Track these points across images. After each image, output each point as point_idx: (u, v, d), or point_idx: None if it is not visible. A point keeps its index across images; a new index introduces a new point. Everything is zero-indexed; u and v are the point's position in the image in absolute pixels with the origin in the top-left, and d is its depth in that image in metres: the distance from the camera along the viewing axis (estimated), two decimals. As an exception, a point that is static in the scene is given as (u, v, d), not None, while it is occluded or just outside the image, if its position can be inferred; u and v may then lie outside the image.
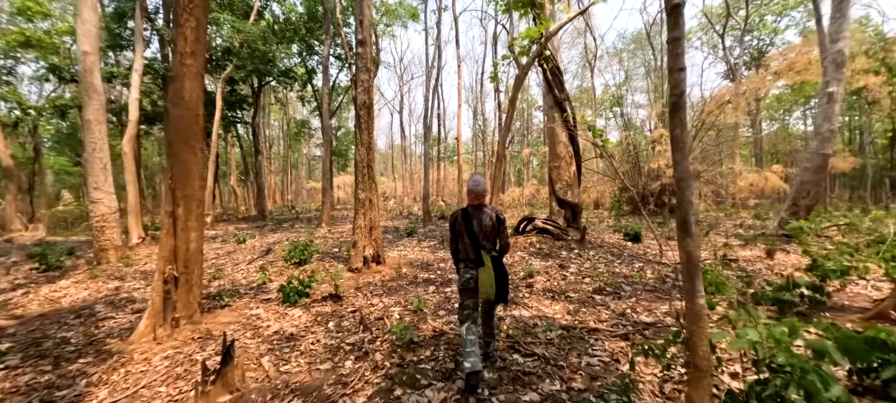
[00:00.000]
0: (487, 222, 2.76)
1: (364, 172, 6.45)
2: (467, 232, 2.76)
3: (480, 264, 2.67)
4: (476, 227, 2.75)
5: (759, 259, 6.85)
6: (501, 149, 8.11)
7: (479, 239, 2.74)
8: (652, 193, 17.47)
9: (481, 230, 2.75)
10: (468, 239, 2.76)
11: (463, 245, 2.79)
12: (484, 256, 2.67)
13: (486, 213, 2.77)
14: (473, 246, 2.73)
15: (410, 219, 17.09)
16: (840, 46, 9.19)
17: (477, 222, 2.75)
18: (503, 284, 2.65)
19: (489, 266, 2.63)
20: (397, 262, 7.14)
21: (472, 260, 2.74)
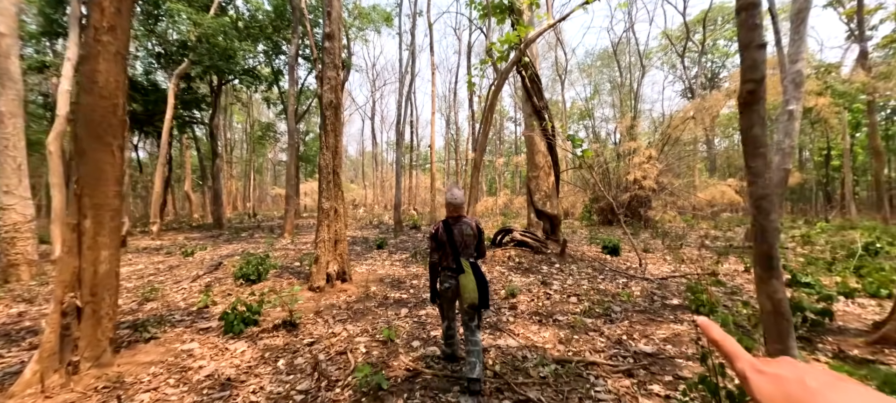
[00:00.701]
0: (468, 232, 2.91)
1: (329, 179, 5.79)
2: (449, 242, 2.85)
3: (461, 271, 2.77)
4: (457, 237, 2.86)
5: (736, 272, 6.80)
6: (479, 156, 7.70)
7: (460, 248, 2.85)
8: (621, 204, 17.77)
9: (462, 239, 2.87)
10: (450, 249, 2.86)
11: (444, 254, 2.89)
12: (464, 263, 2.78)
13: (465, 223, 2.92)
14: (454, 255, 2.84)
15: (381, 229, 16.33)
16: (798, 67, 9.63)
17: (458, 232, 2.87)
18: (484, 289, 2.76)
19: (469, 271, 2.74)
20: (365, 279, 6.48)
21: (453, 268, 2.85)
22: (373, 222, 19.94)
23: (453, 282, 2.85)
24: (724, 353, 0.37)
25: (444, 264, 2.91)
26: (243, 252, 10.26)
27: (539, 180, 8.19)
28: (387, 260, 8.35)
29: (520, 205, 24.49)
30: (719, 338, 0.38)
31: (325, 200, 5.77)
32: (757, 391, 0.32)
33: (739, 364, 0.35)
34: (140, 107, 18.06)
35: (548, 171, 8.21)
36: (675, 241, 11.75)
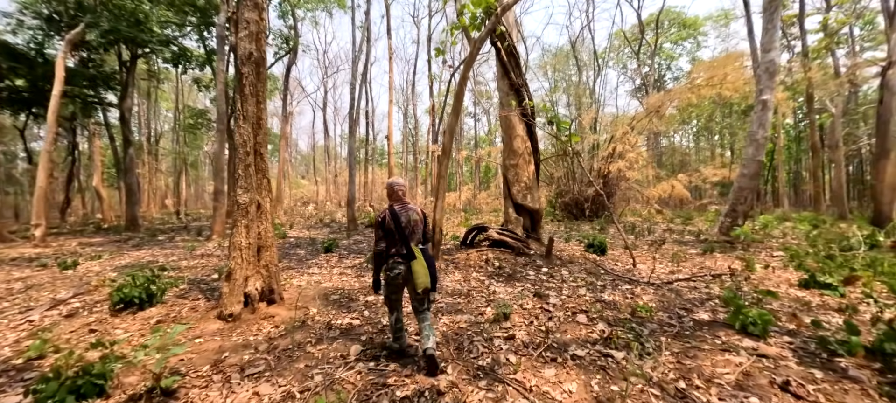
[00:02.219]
0: (414, 217, 2.93)
1: (249, 162, 4.14)
2: (397, 229, 2.82)
3: (412, 257, 2.77)
4: (405, 223, 2.85)
5: (732, 272, 6.09)
6: (448, 140, 6.37)
7: (408, 234, 2.84)
8: (586, 199, 17.41)
9: (410, 225, 2.87)
10: (398, 236, 2.82)
11: (393, 241, 2.85)
12: (414, 249, 2.80)
13: (411, 209, 2.95)
14: (404, 241, 2.82)
15: (332, 228, 14.48)
16: (772, 56, 9.41)
17: (405, 218, 2.87)
18: (434, 272, 2.83)
19: (420, 256, 2.78)
20: (303, 297, 4.89)
21: (403, 255, 2.81)
22: (324, 220, 17.91)
23: (403, 268, 2.82)
24: None
25: (392, 251, 2.86)
26: (151, 260, 8.12)
27: (518, 169, 7.04)
28: (336, 268, 6.77)
29: (483, 201, 23.59)
30: None
31: (242, 191, 4.11)
32: None
33: None
34: (25, 82, 14.61)
35: (527, 159, 7.08)
36: (642, 235, 11.27)
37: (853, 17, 16.70)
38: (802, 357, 2.90)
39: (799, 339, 3.25)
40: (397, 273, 2.82)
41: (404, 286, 2.91)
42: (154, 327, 3.84)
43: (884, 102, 8.24)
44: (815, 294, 4.81)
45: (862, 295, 4.60)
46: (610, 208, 6.69)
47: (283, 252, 8.85)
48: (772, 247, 8.74)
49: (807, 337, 3.28)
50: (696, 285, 5.18)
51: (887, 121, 8.18)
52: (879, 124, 8.36)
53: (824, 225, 13.09)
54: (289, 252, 8.85)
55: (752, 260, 6.15)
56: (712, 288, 5.01)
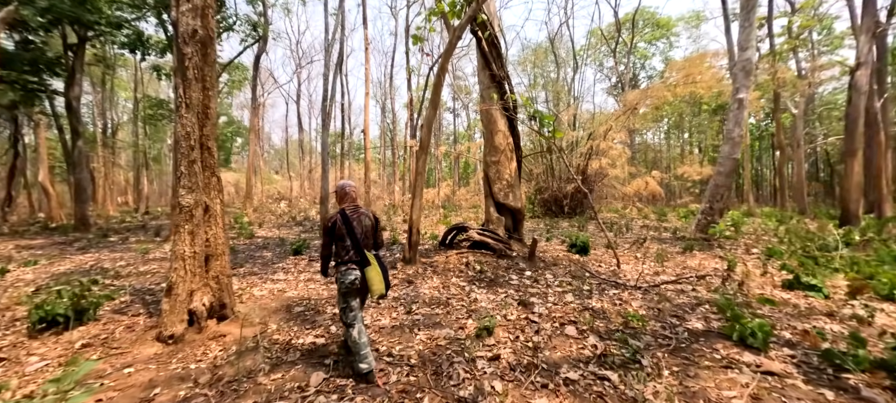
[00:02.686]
0: (367, 222, 2.83)
1: (192, 158, 3.57)
2: (349, 234, 2.71)
3: (366, 264, 2.68)
4: (357, 228, 2.74)
5: (715, 272, 6.00)
6: (426, 135, 5.94)
7: (361, 240, 2.73)
8: (565, 195, 17.40)
9: (362, 230, 2.77)
10: (350, 241, 2.70)
11: (345, 247, 2.72)
12: (369, 255, 2.70)
13: (364, 214, 2.85)
14: (356, 247, 2.70)
15: (304, 227, 13.77)
16: (748, 55, 9.49)
17: (357, 223, 2.76)
18: (387, 278, 2.77)
19: (375, 263, 2.70)
20: (262, 311, 4.37)
21: (357, 261, 2.70)
22: (297, 218, 17.10)
23: (358, 275, 2.70)
24: None
25: (344, 258, 2.73)
26: (94, 266, 7.30)
27: (500, 166, 6.69)
28: (304, 273, 6.22)
29: (463, 198, 23.27)
30: None
31: (185, 192, 3.54)
32: None
33: None
34: (-50, 65, 13.04)
35: (509, 156, 6.75)
36: (620, 232, 11.25)
37: (816, 21, 17.35)
38: (808, 374, 2.69)
39: (800, 351, 3.06)
40: (353, 279, 2.68)
41: (361, 292, 2.80)
42: (73, 356, 3.24)
43: (852, 103, 8.44)
44: (800, 295, 4.73)
45: (846, 297, 4.56)
46: (592, 205, 6.44)
47: (248, 254, 8.19)
48: (747, 244, 8.83)
49: (807, 349, 3.09)
50: (682, 288, 5.00)
51: (855, 121, 8.39)
52: (848, 124, 8.57)
53: (791, 222, 13.54)
54: (254, 254, 8.19)
55: (734, 259, 6.07)
56: (699, 291, 4.85)
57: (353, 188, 2.92)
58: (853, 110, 8.42)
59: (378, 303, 2.99)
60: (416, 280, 5.30)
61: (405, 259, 6.07)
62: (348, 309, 2.72)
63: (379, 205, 21.97)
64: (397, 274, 5.66)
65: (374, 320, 3.94)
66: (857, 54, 8.37)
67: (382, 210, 20.78)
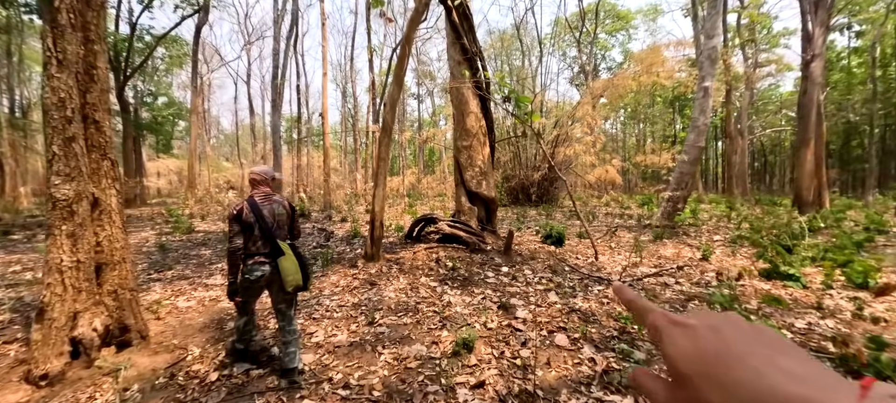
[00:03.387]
0: (280, 211, 2.65)
1: (70, 134, 2.63)
2: (259, 223, 2.50)
3: (279, 254, 2.50)
4: (269, 217, 2.55)
5: (692, 262, 5.86)
6: (389, 114, 5.21)
7: (273, 229, 2.54)
8: (532, 183, 17.27)
9: (275, 220, 2.59)
10: (259, 231, 2.51)
11: (253, 238, 2.51)
12: (282, 245, 2.52)
13: (277, 202, 2.66)
14: (267, 237, 2.51)
15: (255, 219, 12.49)
16: (714, 43, 9.54)
17: (269, 212, 2.58)
18: (307, 270, 2.60)
19: (290, 253, 2.52)
20: (183, 330, 3.51)
21: (267, 253, 2.51)
22: (246, 209, 15.60)
23: (267, 269, 2.50)
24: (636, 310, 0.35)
25: (252, 249, 2.50)
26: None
27: (472, 151, 6.10)
28: (247, 275, 5.33)
29: (428, 186, 22.59)
30: (632, 298, 0.35)
31: (60, 180, 2.60)
32: (669, 342, 0.29)
33: (651, 317, 0.32)
34: None
35: (482, 140, 6.17)
36: (587, 221, 11.19)
37: (767, 16, 18.27)
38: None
39: (809, 355, 2.78)
40: (259, 275, 2.49)
41: (267, 288, 2.61)
42: None
43: (807, 93, 8.73)
44: (778, 285, 4.61)
45: (823, 286, 4.49)
46: (571, 194, 6.06)
47: (182, 253, 7.07)
48: (709, 231, 8.98)
49: (817, 351, 2.82)
50: (665, 281, 4.74)
51: (810, 111, 8.70)
52: (802, 114, 8.89)
53: (742, 209, 14.26)
54: (189, 252, 7.08)
55: (709, 249, 5.97)
56: (683, 285, 4.60)
57: (265, 174, 2.68)
58: (808, 100, 8.71)
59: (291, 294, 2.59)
60: (379, 280, 4.63)
61: (367, 255, 5.37)
62: (246, 303, 2.63)
63: (340, 195, 20.77)
64: (358, 273, 4.95)
65: (328, 335, 3.25)
66: (813, 46, 8.65)
67: (343, 199, 19.66)
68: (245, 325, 2.73)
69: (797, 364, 0.25)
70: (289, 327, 2.58)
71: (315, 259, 5.98)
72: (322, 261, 5.65)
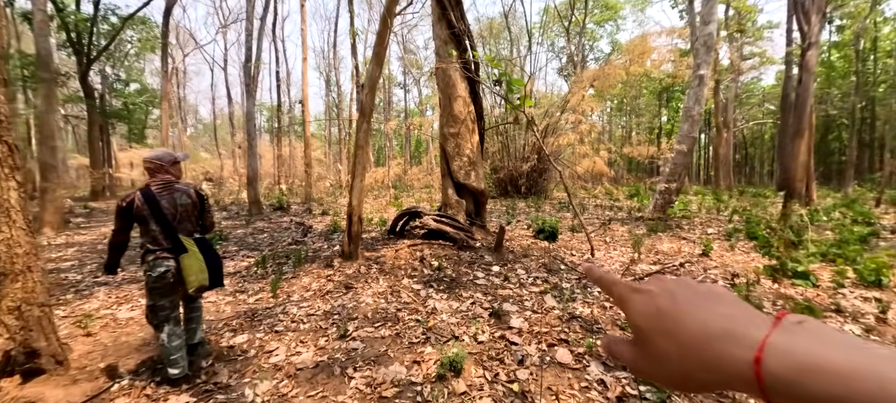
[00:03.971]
0: (184, 201, 2.41)
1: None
2: (155, 215, 2.27)
3: (181, 251, 2.29)
4: (168, 208, 2.32)
5: (691, 257, 5.55)
6: (368, 98, 4.67)
7: (174, 223, 2.32)
8: (521, 175, 16.91)
9: (176, 211, 2.36)
10: (157, 225, 2.28)
11: (150, 232, 2.28)
12: (185, 240, 2.31)
13: (180, 191, 2.41)
14: (167, 231, 2.29)
15: (230, 212, 11.78)
16: (710, 29, 9.23)
17: (168, 202, 2.33)
18: (217, 266, 2.42)
19: (194, 249, 2.32)
20: (115, 349, 2.96)
21: (168, 249, 2.29)
22: (222, 202, 14.79)
23: (171, 265, 2.27)
24: (605, 285, 0.37)
25: (151, 246, 2.28)
26: None
27: (460, 139, 5.61)
28: (208, 277, 4.75)
29: (415, 177, 22.03)
30: (600, 275, 0.38)
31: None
32: (632, 308, 0.33)
33: (617, 288, 0.35)
34: None
35: (471, 127, 5.68)
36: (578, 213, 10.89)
37: (754, 9, 18.20)
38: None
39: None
40: (164, 271, 2.28)
41: (178, 287, 2.37)
42: None
43: (802, 82, 8.53)
44: (786, 285, 4.32)
45: (834, 285, 4.21)
46: (565, 185, 5.66)
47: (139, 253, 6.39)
48: (702, 224, 8.76)
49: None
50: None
51: (805, 101, 8.50)
52: (798, 104, 8.70)
53: (731, 201, 14.22)
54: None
55: (709, 243, 5.67)
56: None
57: (164, 159, 2.39)
58: (803, 90, 8.52)
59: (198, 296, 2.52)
60: (357, 283, 4.13)
61: (344, 253, 4.85)
62: (157, 309, 2.34)
63: (322, 186, 20.04)
64: (333, 274, 4.44)
65: (291, 353, 2.75)
66: (809, 34, 8.43)
67: (325, 191, 18.96)
68: (169, 339, 2.33)
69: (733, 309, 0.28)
70: (192, 304, 2.60)
71: (288, 257, 5.43)
72: (294, 260, 5.11)
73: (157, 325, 2.36)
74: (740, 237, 6.87)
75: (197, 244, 2.36)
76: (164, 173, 2.39)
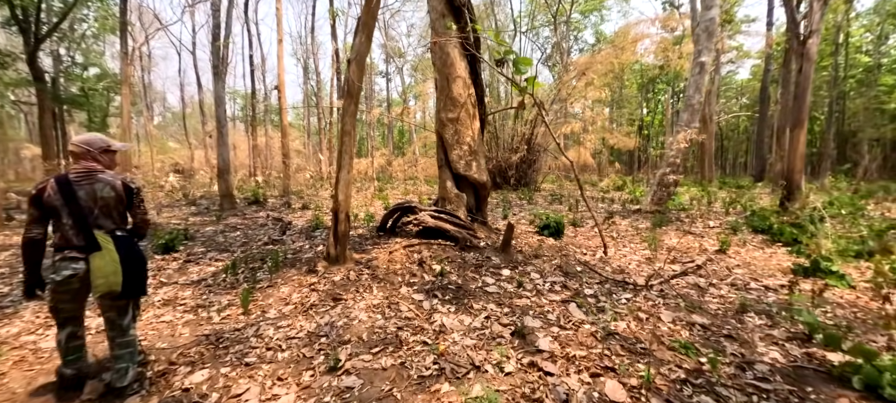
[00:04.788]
0: (106, 193, 2.06)
1: None
2: (69, 207, 1.98)
3: (93, 249, 1.96)
4: (85, 200, 2.01)
5: (702, 251, 5.17)
6: (356, 73, 3.99)
7: (91, 216, 2.01)
8: (511, 166, 16.46)
9: (95, 203, 2.03)
10: (70, 219, 1.98)
11: (61, 226, 2.00)
12: (100, 237, 1.99)
13: (103, 182, 2.07)
14: (81, 225, 1.98)
15: (199, 207, 10.80)
16: (712, 14, 8.88)
17: (86, 193, 2.02)
18: (137, 271, 2.09)
19: (110, 247, 1.99)
20: (30, 392, 2.24)
21: (80, 247, 1.98)
22: (191, 196, 13.67)
23: (81, 267, 1.98)
24: None
25: (60, 242, 2.01)
26: None
27: (459, 125, 4.99)
28: (166, 287, 3.99)
29: (399, 169, 21.27)
30: None
31: None
32: None
33: None
34: None
35: (471, 111, 5.07)
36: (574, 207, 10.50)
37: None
38: None
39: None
40: (70, 275, 1.97)
41: (85, 292, 2.06)
42: None
43: (803, 72, 8.32)
44: (819, 284, 3.96)
45: (872, 285, 3.88)
46: (576, 177, 5.15)
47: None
48: (702, 216, 8.50)
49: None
50: (696, 281, 3.96)
51: (805, 91, 8.31)
52: (798, 93, 8.51)
53: (719, 192, 14.19)
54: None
55: (726, 239, 5.30)
56: (720, 287, 3.83)
57: (89, 146, 2.09)
58: (804, 79, 8.31)
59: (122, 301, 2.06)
60: (346, 293, 3.50)
61: (329, 256, 4.20)
62: (59, 310, 2.08)
63: (301, 178, 19.03)
64: (317, 282, 3.78)
65: (265, 398, 2.11)
66: (809, 21, 8.21)
67: (306, 183, 17.99)
68: (68, 341, 2.12)
69: None
70: (120, 338, 2.12)
71: (263, 260, 4.72)
72: (271, 265, 4.41)
73: (59, 323, 2.12)
74: (745, 230, 6.60)
75: (116, 243, 2.03)
76: (91, 160, 2.09)
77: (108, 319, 2.13)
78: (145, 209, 2.30)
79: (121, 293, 2.02)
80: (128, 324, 2.16)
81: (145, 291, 2.21)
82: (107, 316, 2.12)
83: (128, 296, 2.10)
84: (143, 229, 2.30)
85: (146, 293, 2.22)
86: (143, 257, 2.19)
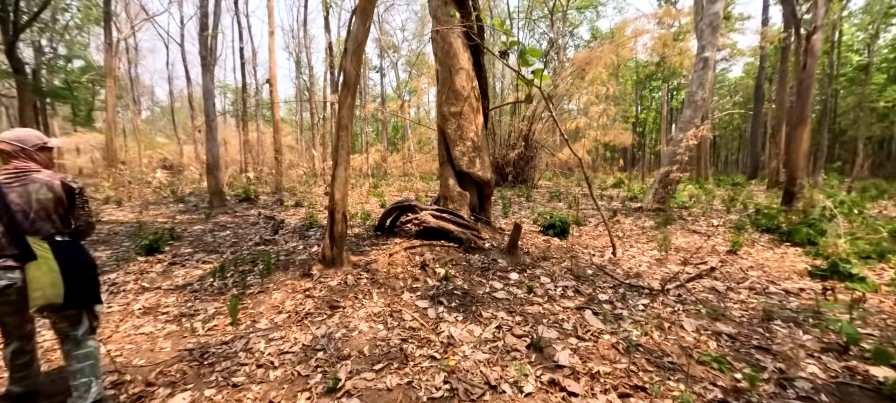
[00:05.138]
0: (43, 194, 1.85)
1: None
2: None
3: (29, 257, 1.74)
4: (18, 204, 1.80)
5: (713, 252, 5.00)
6: (353, 64, 3.71)
7: (27, 223, 1.81)
8: (508, 163, 16.25)
9: (31, 206, 1.83)
10: (1, 225, 1.75)
11: None
12: (35, 244, 1.75)
13: (39, 182, 1.86)
14: (11, 232, 1.75)
15: (188, 204, 10.40)
16: (716, 8, 8.71)
17: (19, 195, 1.81)
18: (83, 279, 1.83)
19: (47, 255, 1.75)
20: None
21: (14, 256, 1.77)
22: (179, 192, 13.23)
23: (17, 276, 1.78)
24: None
25: None
26: None
27: (462, 120, 4.73)
28: (148, 293, 3.70)
29: (393, 165, 20.96)
30: None
31: None
32: None
33: None
34: None
35: (475, 105, 4.81)
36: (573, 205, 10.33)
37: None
38: None
39: None
40: (6, 285, 1.77)
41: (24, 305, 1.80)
42: None
43: (806, 68, 8.21)
44: (838, 287, 3.80)
45: (891, 283, 3.74)
46: (585, 174, 4.93)
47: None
48: (705, 214, 8.37)
49: None
50: (712, 285, 3.77)
51: (809, 88, 8.21)
52: (801, 91, 8.40)
53: (717, 190, 14.14)
54: (76, 254, 5.19)
55: (738, 239, 5.13)
56: (740, 291, 3.65)
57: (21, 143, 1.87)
58: (807, 76, 8.20)
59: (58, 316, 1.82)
60: (344, 300, 3.24)
61: (325, 259, 3.93)
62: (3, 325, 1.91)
63: (294, 174, 18.63)
64: (313, 287, 3.52)
65: (255, 427, 1.85)
66: (813, 18, 8.09)
67: (299, 180, 17.60)
68: (14, 357, 1.98)
69: None
70: (76, 351, 1.89)
71: (254, 263, 4.44)
72: (262, 268, 4.13)
73: (3, 338, 1.97)
74: (751, 229, 6.46)
75: (55, 249, 1.80)
76: (25, 159, 1.87)
77: (58, 331, 1.90)
78: (90, 211, 2.07)
79: (64, 304, 1.77)
80: (84, 334, 1.91)
81: (99, 299, 1.95)
82: (57, 328, 1.89)
83: (74, 307, 1.85)
84: (88, 233, 2.08)
85: (100, 301, 1.97)
86: (92, 262, 1.95)
